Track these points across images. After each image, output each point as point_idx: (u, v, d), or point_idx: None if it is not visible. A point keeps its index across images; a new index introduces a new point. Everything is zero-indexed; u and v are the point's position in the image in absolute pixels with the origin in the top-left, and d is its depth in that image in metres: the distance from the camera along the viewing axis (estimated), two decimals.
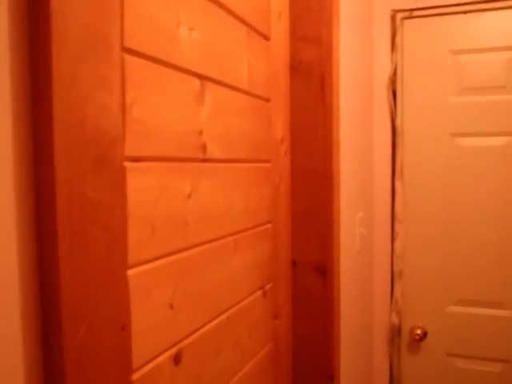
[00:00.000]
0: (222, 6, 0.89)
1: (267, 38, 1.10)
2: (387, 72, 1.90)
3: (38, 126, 0.43)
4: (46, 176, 0.43)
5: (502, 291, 1.83)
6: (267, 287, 1.14)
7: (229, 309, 0.95)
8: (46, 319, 0.46)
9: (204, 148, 0.84)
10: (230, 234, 0.95)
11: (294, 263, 1.29)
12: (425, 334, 1.94)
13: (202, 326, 0.85)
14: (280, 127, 1.20)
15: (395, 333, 1.97)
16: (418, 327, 1.94)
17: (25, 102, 0.45)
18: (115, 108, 0.51)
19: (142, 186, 0.68)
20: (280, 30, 1.18)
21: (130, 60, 0.65)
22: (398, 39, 1.88)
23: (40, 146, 0.44)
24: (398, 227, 1.93)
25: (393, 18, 1.89)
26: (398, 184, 1.91)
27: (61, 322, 0.44)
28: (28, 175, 0.44)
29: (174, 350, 0.76)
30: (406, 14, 1.88)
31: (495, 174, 1.80)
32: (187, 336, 0.80)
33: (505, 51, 1.76)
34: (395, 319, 1.96)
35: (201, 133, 0.83)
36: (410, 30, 1.88)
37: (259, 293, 1.09)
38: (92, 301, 0.49)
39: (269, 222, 1.14)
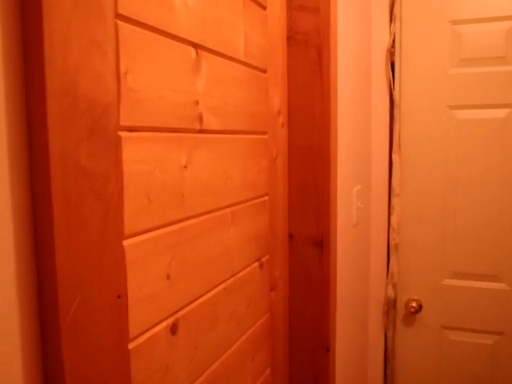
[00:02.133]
0: None
1: (264, 7, 1.08)
2: (385, 43, 1.88)
3: (31, 91, 0.42)
4: (40, 143, 0.43)
5: (498, 264, 1.84)
6: (264, 259, 1.14)
7: (226, 280, 0.95)
8: (41, 288, 0.46)
9: (200, 119, 0.83)
10: (228, 206, 0.95)
11: (290, 236, 1.29)
12: (420, 307, 1.96)
13: (199, 297, 0.85)
14: (277, 99, 1.18)
15: (391, 306, 1.99)
16: (414, 300, 1.96)
17: (17, 66, 0.44)
18: (109, 75, 0.50)
19: (138, 157, 0.68)
20: None
21: (125, 27, 0.64)
22: (396, 9, 1.85)
23: (33, 113, 0.43)
24: (394, 201, 1.93)
25: None
26: (395, 157, 1.91)
27: (56, 291, 0.44)
28: (21, 142, 0.44)
29: (170, 320, 0.76)
30: None
31: (494, 147, 1.80)
32: (184, 306, 0.80)
33: (505, 21, 1.74)
34: (391, 292, 1.97)
35: (197, 103, 0.82)
36: None
37: (256, 264, 1.09)
38: (87, 270, 0.49)
39: (266, 195, 1.14)
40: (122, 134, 0.64)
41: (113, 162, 0.51)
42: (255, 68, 1.05)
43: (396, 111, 1.89)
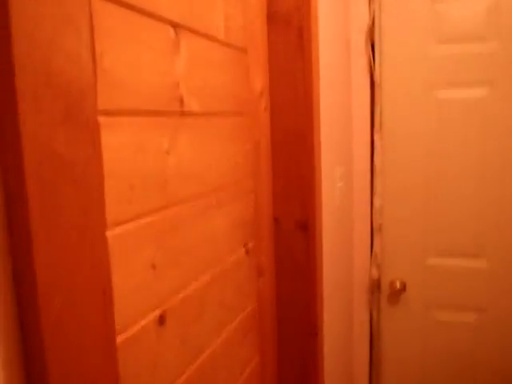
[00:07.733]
0: None
1: None
2: (365, 23, 1.85)
3: None
4: (10, 128, 0.39)
5: (479, 242, 1.85)
6: (250, 245, 1.12)
7: (212, 267, 0.93)
8: (20, 290, 0.42)
9: (181, 101, 0.80)
10: (212, 191, 0.92)
11: (276, 220, 1.27)
12: (404, 287, 1.96)
13: (186, 286, 0.82)
14: (259, 80, 1.15)
15: (375, 286, 1.99)
16: (398, 280, 1.96)
17: None
18: (85, 54, 0.46)
19: (118, 142, 0.64)
20: None
21: (99, 4, 0.60)
22: None
23: (1, 94, 0.39)
24: (377, 181, 1.92)
25: None
26: (376, 137, 1.89)
27: (36, 293, 0.41)
28: None
29: (158, 311, 0.74)
30: None
31: (474, 126, 1.79)
32: (171, 296, 0.78)
33: None
34: (375, 273, 1.97)
35: (177, 85, 0.78)
36: None
37: (242, 250, 1.07)
38: (69, 267, 0.45)
39: (250, 179, 1.11)
40: (100, 118, 0.60)
41: (92, 148, 0.48)
42: (236, 48, 1.01)
43: (377, 91, 1.88)
